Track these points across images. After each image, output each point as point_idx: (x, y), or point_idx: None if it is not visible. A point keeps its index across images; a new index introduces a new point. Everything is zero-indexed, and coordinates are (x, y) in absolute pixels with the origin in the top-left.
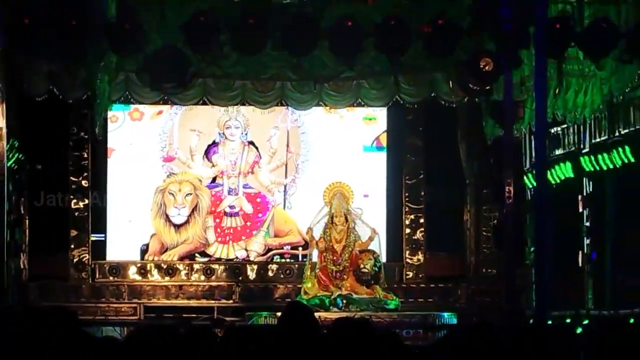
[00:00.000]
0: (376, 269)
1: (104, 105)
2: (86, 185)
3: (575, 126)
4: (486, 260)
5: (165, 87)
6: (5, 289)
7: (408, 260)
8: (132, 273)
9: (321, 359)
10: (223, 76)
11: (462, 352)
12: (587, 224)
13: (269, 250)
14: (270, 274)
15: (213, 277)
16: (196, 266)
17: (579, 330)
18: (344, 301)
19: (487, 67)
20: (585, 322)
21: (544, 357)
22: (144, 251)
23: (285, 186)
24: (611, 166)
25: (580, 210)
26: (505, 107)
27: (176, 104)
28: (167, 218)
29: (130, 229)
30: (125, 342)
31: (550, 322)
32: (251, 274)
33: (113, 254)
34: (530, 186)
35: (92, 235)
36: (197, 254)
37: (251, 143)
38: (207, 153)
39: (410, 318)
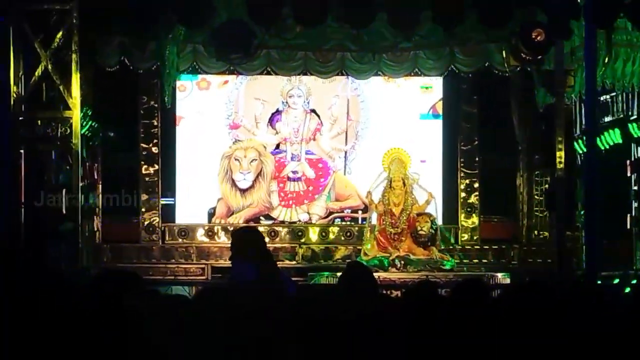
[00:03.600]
0: (432, 231)
1: (173, 75)
2: (156, 152)
3: (624, 94)
4: (538, 223)
5: (231, 57)
6: (80, 251)
7: (463, 223)
8: (200, 235)
9: (384, 315)
10: (286, 47)
11: (516, 309)
12: (635, 187)
13: (330, 213)
14: (331, 236)
15: (277, 239)
16: (261, 229)
17: (627, 289)
18: (402, 262)
19: (539, 38)
20: (634, 282)
21: (594, 314)
22: (211, 214)
23: (345, 152)
24: None
25: (628, 174)
26: (557, 76)
27: (241, 74)
28: (233, 183)
29: (198, 193)
30: (194, 300)
31: (599, 282)
32: (313, 236)
33: (182, 217)
34: (580, 152)
35: (162, 199)
36: (261, 217)
37: (313, 111)
38: (271, 121)
39: (465, 278)
